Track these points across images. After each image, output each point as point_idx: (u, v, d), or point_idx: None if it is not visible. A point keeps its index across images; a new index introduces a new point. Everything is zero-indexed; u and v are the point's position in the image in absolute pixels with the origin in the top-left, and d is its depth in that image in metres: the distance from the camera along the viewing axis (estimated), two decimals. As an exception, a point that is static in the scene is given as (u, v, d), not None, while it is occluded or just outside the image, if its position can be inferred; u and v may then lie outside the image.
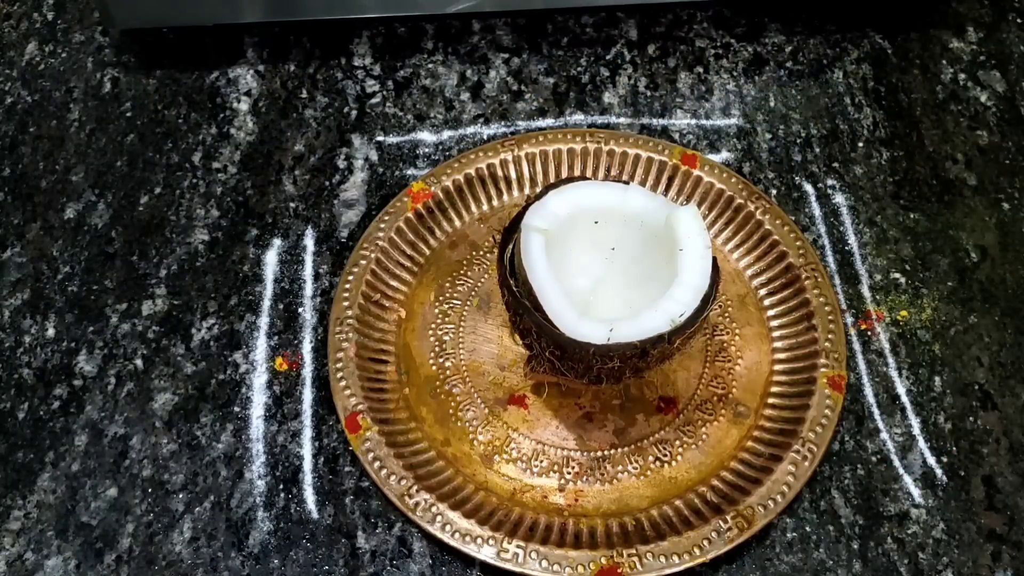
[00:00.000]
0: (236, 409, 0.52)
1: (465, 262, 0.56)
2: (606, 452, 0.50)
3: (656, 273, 0.46)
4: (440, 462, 0.49)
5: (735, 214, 0.56)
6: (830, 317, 0.52)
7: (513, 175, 0.58)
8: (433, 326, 0.54)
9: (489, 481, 0.49)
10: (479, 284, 0.55)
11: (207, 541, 0.48)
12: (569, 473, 0.49)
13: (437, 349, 0.53)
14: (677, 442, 0.50)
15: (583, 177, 0.56)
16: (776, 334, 0.53)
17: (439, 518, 0.46)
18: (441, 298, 0.55)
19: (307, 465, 0.50)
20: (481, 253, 0.56)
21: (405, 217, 0.56)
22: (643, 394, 0.51)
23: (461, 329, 0.54)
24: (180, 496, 0.49)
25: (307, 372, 0.53)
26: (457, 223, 0.57)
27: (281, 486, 0.49)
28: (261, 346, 0.54)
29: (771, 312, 0.54)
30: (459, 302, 0.55)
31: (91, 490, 0.49)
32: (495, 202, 0.58)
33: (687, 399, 0.51)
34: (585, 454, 0.50)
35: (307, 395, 0.52)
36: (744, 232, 0.56)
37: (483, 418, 0.51)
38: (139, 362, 0.53)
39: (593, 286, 0.49)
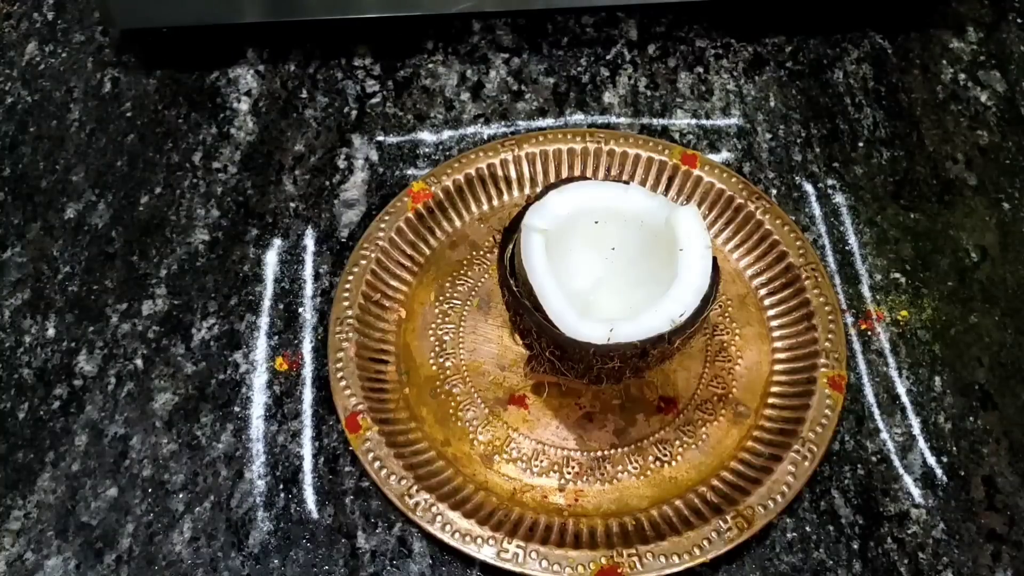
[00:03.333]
0: (236, 409, 0.52)
1: (465, 262, 0.56)
2: (606, 452, 0.50)
3: (656, 273, 0.46)
4: (440, 462, 0.49)
5: (735, 214, 0.56)
6: (830, 317, 0.52)
7: (513, 175, 0.58)
8: (433, 326, 0.54)
9: (489, 481, 0.49)
10: (479, 284, 0.55)
11: (207, 541, 0.48)
12: (569, 473, 0.49)
13: (437, 349, 0.53)
14: (677, 442, 0.50)
15: (583, 177, 0.56)
16: (776, 334, 0.53)
17: (439, 518, 0.46)
18: (441, 298, 0.55)
19: (307, 465, 0.50)
20: (481, 253, 0.56)
21: (405, 217, 0.56)
22: (643, 394, 0.51)
23: (461, 329, 0.54)
24: (180, 496, 0.49)
25: (307, 372, 0.53)
26: (457, 223, 0.57)
27: (281, 486, 0.49)
28: (261, 346, 0.54)
29: (771, 312, 0.54)
30: (459, 302, 0.55)
31: (91, 490, 0.49)
32: (495, 202, 0.58)
33: (687, 399, 0.51)
34: (585, 454, 0.50)
35: (307, 395, 0.52)
36: (744, 232, 0.56)
37: (483, 418, 0.51)
38: (139, 362, 0.53)
39: (593, 286, 0.49)
